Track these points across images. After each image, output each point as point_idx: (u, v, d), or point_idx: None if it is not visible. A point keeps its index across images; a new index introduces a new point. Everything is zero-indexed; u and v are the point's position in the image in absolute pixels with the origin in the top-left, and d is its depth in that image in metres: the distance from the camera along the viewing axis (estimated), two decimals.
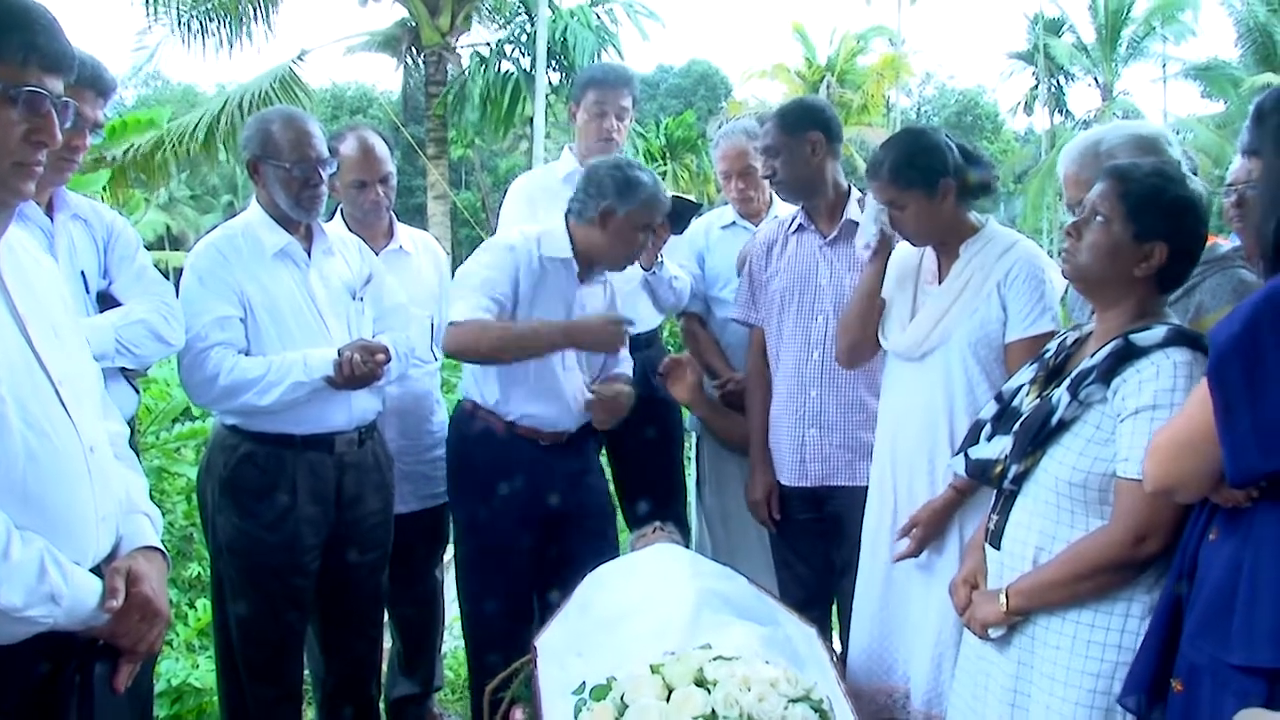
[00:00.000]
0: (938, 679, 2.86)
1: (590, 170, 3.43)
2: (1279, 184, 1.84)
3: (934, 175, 2.86)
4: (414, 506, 3.73)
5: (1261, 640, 1.75)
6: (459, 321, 3.23)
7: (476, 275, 3.33)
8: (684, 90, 46.92)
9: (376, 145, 3.66)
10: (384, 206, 3.72)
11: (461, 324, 3.23)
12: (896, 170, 2.88)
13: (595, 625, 2.67)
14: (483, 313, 3.23)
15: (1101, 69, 32.55)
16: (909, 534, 2.92)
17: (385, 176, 3.68)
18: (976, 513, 2.81)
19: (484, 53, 15.24)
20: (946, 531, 2.90)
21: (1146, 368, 2.10)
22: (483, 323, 3.23)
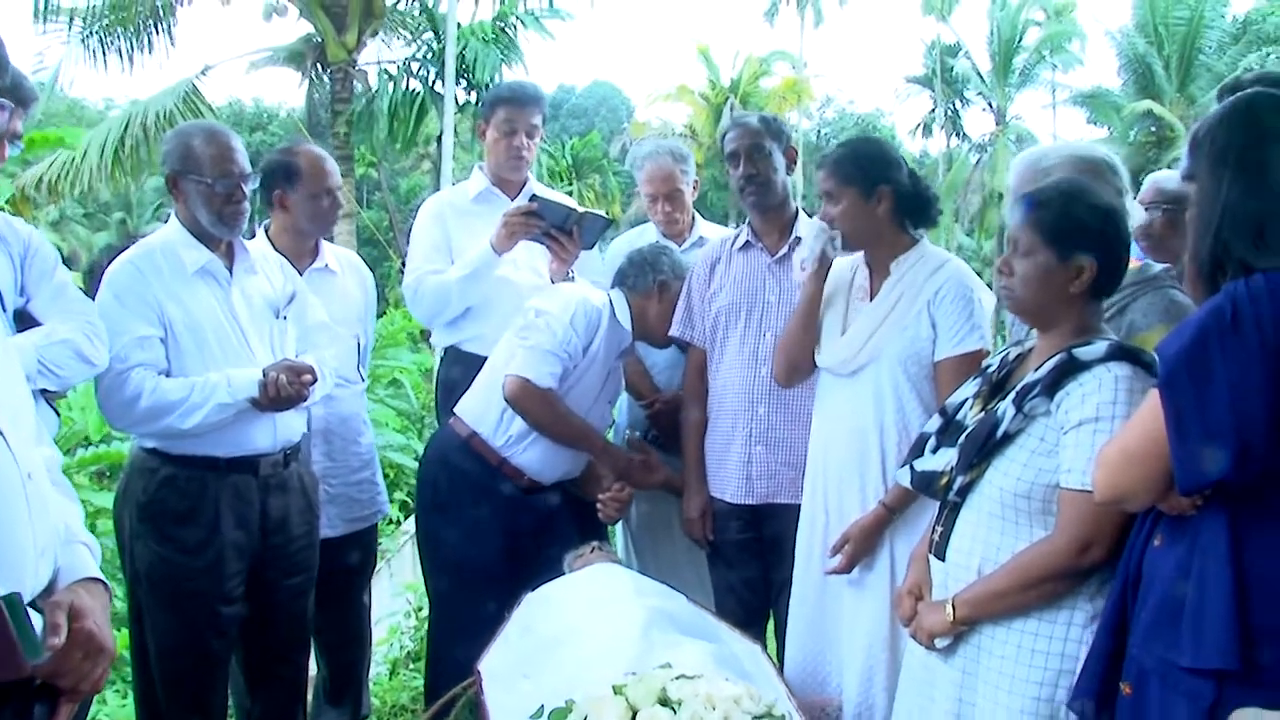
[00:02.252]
0: (869, 692, 2.89)
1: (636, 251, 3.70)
2: (1213, 206, 1.89)
3: (873, 179, 2.94)
4: (341, 530, 3.67)
5: (1210, 642, 1.80)
6: (533, 383, 3.37)
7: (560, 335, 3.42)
8: (586, 110, 47.10)
9: (328, 157, 3.71)
10: (336, 217, 3.72)
11: (535, 387, 3.38)
12: (839, 163, 2.97)
13: (540, 647, 2.63)
14: (551, 380, 3.41)
15: (995, 94, 33.51)
16: (840, 550, 2.94)
17: (339, 187, 3.69)
18: (907, 528, 2.86)
19: (391, 70, 15.10)
20: (877, 547, 2.93)
21: (1089, 381, 2.15)
22: (552, 399, 3.43)
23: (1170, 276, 2.69)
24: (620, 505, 3.61)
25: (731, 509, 3.45)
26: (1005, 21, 32.95)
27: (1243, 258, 1.85)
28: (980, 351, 2.88)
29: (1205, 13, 30.30)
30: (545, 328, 3.41)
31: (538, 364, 3.38)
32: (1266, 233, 1.84)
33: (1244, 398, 1.75)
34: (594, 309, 3.49)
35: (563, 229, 3.70)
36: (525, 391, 3.37)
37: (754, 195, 3.44)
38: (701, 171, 30.64)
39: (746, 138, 3.43)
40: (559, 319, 3.42)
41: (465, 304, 3.86)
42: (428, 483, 3.60)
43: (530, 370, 3.37)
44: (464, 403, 3.59)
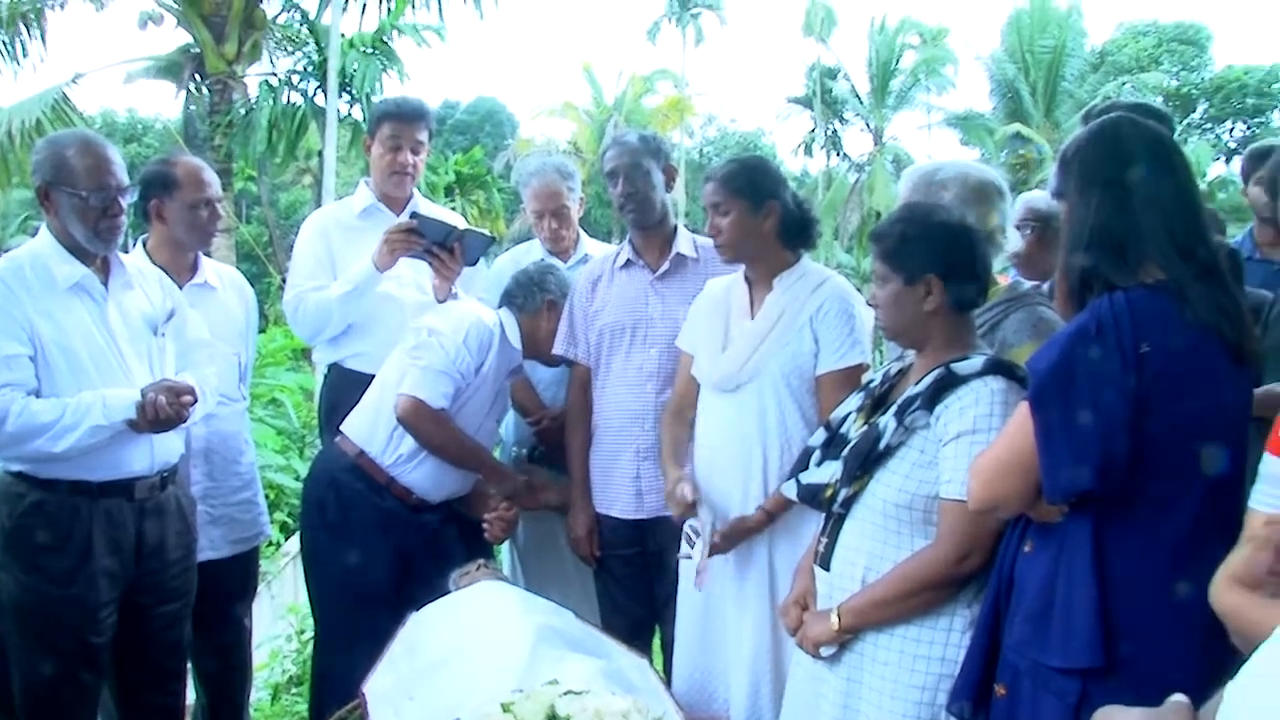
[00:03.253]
0: (756, 703, 2.93)
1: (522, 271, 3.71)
2: (1082, 225, 1.99)
3: (762, 193, 3.01)
4: (224, 552, 3.58)
5: (1077, 643, 1.90)
6: (426, 403, 3.34)
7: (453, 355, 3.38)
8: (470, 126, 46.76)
9: (208, 169, 3.62)
10: (215, 231, 3.63)
11: (427, 407, 3.35)
12: (729, 177, 3.03)
13: (426, 667, 2.60)
14: (444, 400, 3.38)
15: (873, 115, 34.36)
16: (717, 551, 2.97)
17: (221, 200, 3.62)
18: (787, 540, 2.92)
19: (273, 82, 14.78)
20: (755, 558, 2.99)
21: (967, 395, 2.23)
22: (444, 419, 3.40)
23: (1039, 293, 2.81)
24: (506, 525, 3.60)
25: (618, 524, 3.47)
26: (882, 45, 33.84)
27: (1108, 276, 1.95)
28: (861, 366, 2.96)
29: (1067, 42, 31.70)
30: (438, 347, 3.38)
31: (430, 384, 3.36)
32: (1129, 252, 1.94)
33: (1107, 411, 1.85)
34: (486, 329, 3.48)
35: (444, 246, 3.67)
36: (417, 411, 3.34)
37: (633, 213, 3.47)
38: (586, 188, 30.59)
39: (625, 156, 3.46)
40: (452, 339, 3.40)
41: (347, 321, 3.81)
42: (313, 502, 3.53)
43: (423, 390, 3.35)
44: (351, 421, 3.54)
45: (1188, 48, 38.45)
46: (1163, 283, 1.92)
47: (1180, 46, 38.30)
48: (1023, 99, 31.96)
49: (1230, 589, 1.61)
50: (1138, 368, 1.84)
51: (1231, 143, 37.96)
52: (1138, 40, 38.29)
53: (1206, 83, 38.15)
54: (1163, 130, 2.08)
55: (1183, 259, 1.93)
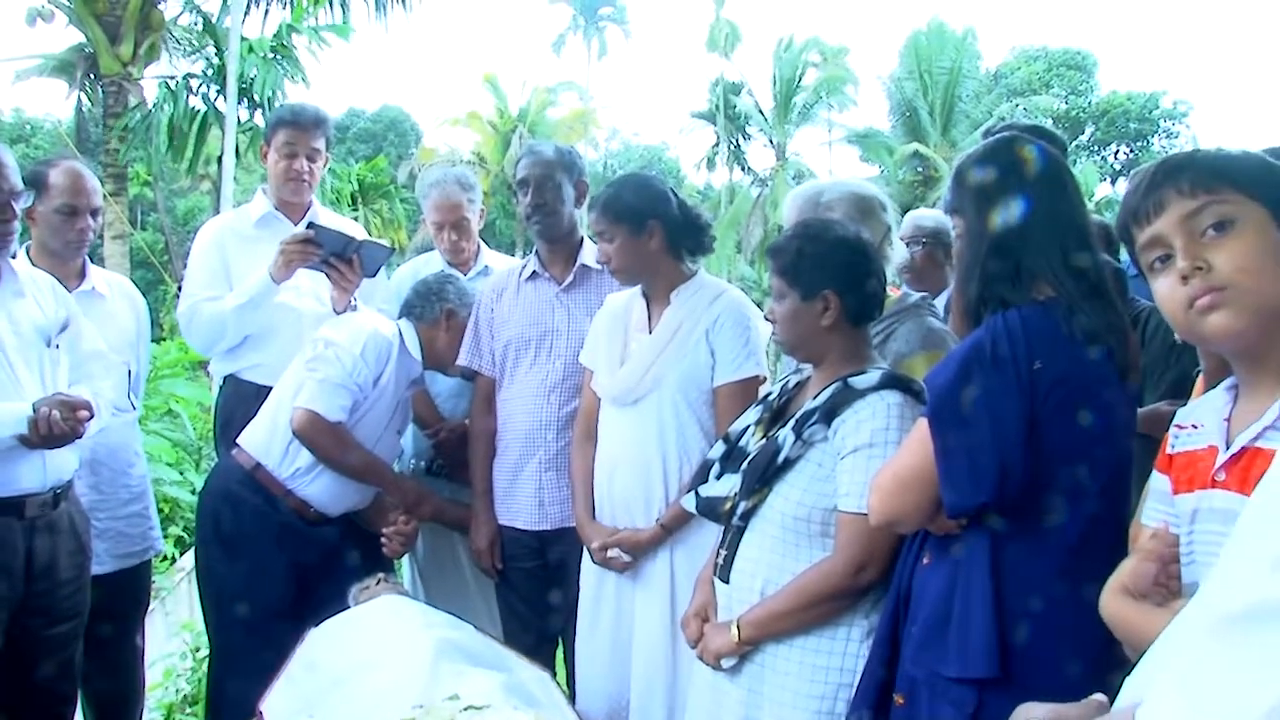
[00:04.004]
0: (647, 712, 2.95)
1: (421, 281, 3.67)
2: (979, 243, 2.05)
3: (641, 215, 3.03)
4: (110, 567, 3.47)
5: (974, 653, 1.94)
6: (322, 416, 3.29)
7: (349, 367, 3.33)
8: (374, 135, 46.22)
9: (89, 175, 3.48)
10: (88, 241, 3.49)
11: (324, 420, 3.30)
12: (608, 204, 3.06)
13: (326, 684, 2.55)
14: (341, 413, 3.33)
15: (776, 131, 34.83)
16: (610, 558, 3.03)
17: (96, 209, 3.47)
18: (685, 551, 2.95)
19: (171, 85, 14.39)
20: (655, 569, 3.01)
21: (864, 409, 2.27)
22: (341, 433, 3.35)
23: (928, 305, 2.89)
24: (405, 539, 3.56)
25: (520, 536, 3.46)
26: (786, 63, 34.34)
27: (1002, 293, 2.01)
28: (757, 377, 2.99)
29: (963, 64, 32.60)
30: (335, 359, 3.34)
31: (327, 397, 3.31)
32: (1022, 270, 2.01)
33: (1003, 427, 1.90)
34: (384, 340, 3.44)
35: (342, 257, 3.63)
36: (314, 425, 3.29)
37: (540, 223, 3.48)
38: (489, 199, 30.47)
39: (539, 167, 3.47)
40: (349, 350, 3.35)
41: (243, 333, 3.74)
42: (208, 515, 3.45)
43: (319, 403, 3.30)
44: (248, 434, 3.47)
45: (1075, 73, 39.86)
46: (1054, 300, 1.97)
47: (1069, 71, 39.69)
48: (920, 118, 32.75)
49: (1117, 598, 1.67)
50: (1031, 384, 1.90)
51: (1116, 165, 39.44)
52: (1030, 64, 39.58)
53: (1093, 107, 39.63)
54: (1053, 150, 2.15)
55: (1073, 277, 1.99)
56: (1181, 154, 1.61)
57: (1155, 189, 1.54)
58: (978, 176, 2.10)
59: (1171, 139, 39.11)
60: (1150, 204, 1.54)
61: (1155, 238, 1.54)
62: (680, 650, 2.88)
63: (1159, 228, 1.53)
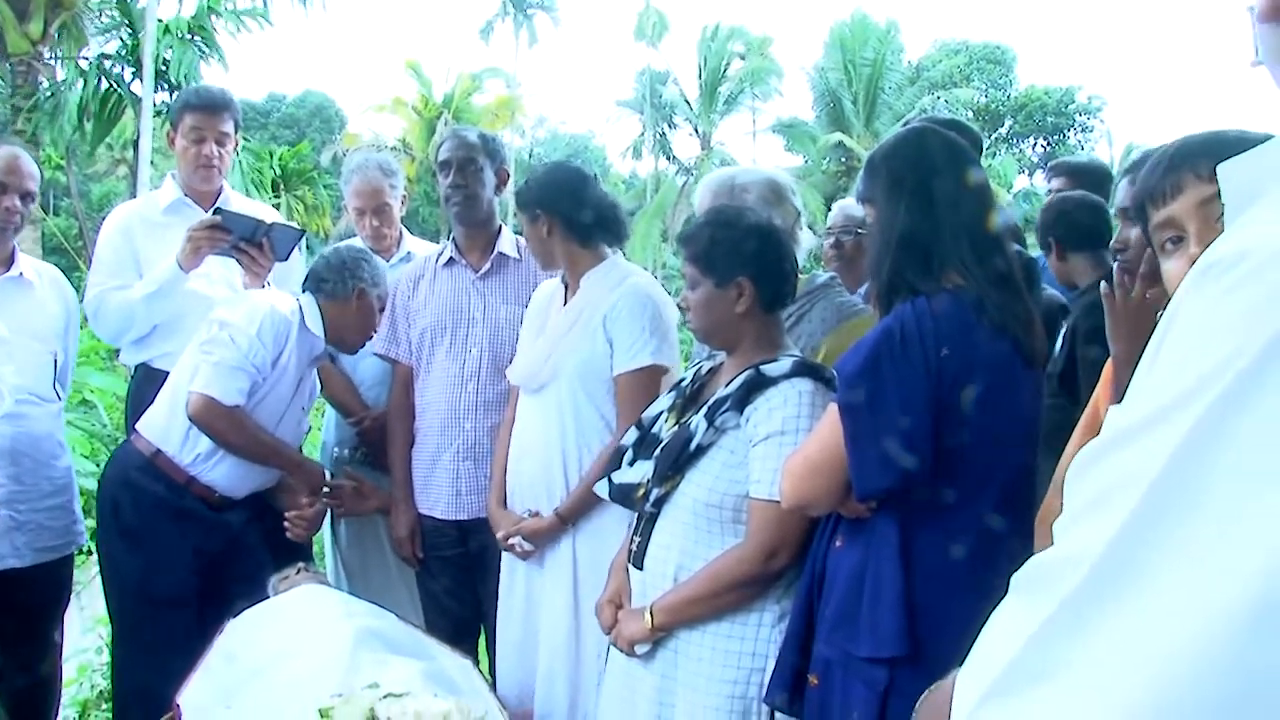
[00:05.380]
0: (550, 697, 2.97)
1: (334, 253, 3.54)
2: (890, 231, 2.08)
3: (535, 206, 3.08)
4: (30, 560, 3.38)
5: (885, 633, 1.98)
6: (219, 400, 3.19)
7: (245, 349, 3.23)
8: (297, 120, 45.52)
9: (25, 158, 3.40)
10: (15, 224, 3.39)
11: (220, 405, 3.20)
12: (516, 193, 3.11)
13: (244, 674, 2.52)
14: (238, 396, 3.23)
15: (701, 120, 34.98)
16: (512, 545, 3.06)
17: (27, 192, 3.37)
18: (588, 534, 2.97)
19: (83, 65, 14.00)
20: (559, 554, 3.02)
21: (775, 396, 2.29)
22: (239, 417, 3.25)
23: (836, 283, 2.93)
24: (309, 523, 3.49)
25: (440, 525, 3.45)
26: (712, 52, 34.49)
27: (911, 281, 2.04)
28: (656, 366, 2.96)
29: (886, 57, 33.01)
30: (229, 341, 3.24)
31: (223, 380, 3.21)
32: (932, 258, 2.04)
33: (911, 412, 1.93)
34: (282, 318, 3.33)
35: (252, 241, 3.57)
36: (210, 410, 3.20)
37: (458, 206, 3.46)
38: (414, 186, 30.07)
39: (461, 150, 3.46)
40: (244, 331, 3.26)
41: (152, 322, 3.66)
42: (108, 503, 3.34)
43: (215, 388, 3.20)
44: (146, 419, 3.38)
45: (995, 66, 40.64)
46: (962, 289, 2.01)
47: (989, 65, 40.45)
48: (844, 109, 33.11)
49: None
50: (939, 371, 1.94)
51: (1034, 157, 40.27)
52: (951, 58, 40.21)
53: (1012, 100, 40.43)
54: (963, 143, 2.20)
55: (981, 266, 2.03)
56: (1200, 136, 1.60)
57: (1173, 171, 1.53)
58: (889, 166, 2.13)
59: (1086, 133, 40.07)
60: (1167, 185, 1.54)
61: (1169, 220, 1.54)
62: (584, 636, 2.92)
63: (1174, 210, 1.53)
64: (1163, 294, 2.04)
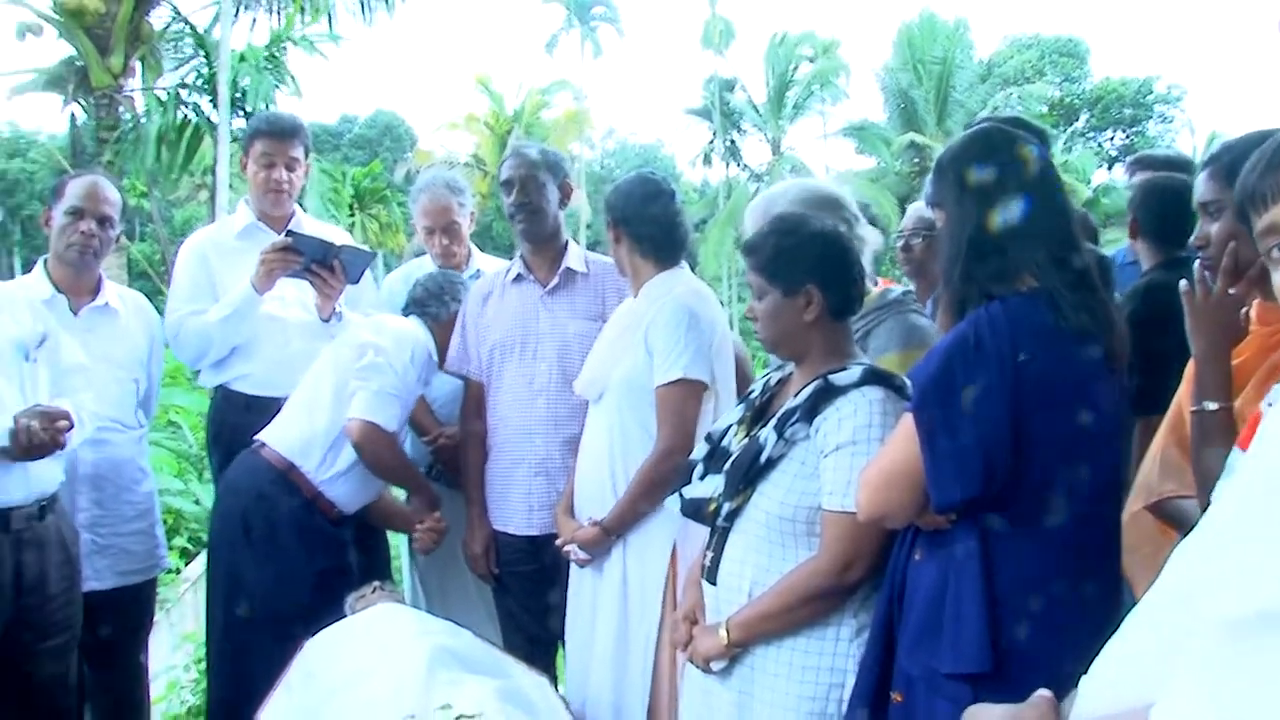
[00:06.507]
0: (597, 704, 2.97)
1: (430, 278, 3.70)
2: (960, 235, 2.02)
3: (612, 217, 3.14)
4: (111, 583, 3.45)
5: (967, 649, 1.92)
6: (381, 427, 3.31)
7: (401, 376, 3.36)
8: (369, 141, 46.31)
9: (106, 185, 3.48)
10: (94, 249, 3.43)
11: (382, 432, 3.33)
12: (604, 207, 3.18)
13: (322, 694, 2.54)
14: (396, 423, 3.37)
15: (770, 126, 34.85)
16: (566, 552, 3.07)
17: (105, 217, 3.43)
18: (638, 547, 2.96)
19: (161, 96, 14.40)
20: (609, 570, 3.02)
21: (845, 406, 2.24)
22: (395, 442, 3.41)
23: (910, 301, 2.85)
24: (437, 536, 3.57)
25: (514, 541, 3.45)
26: (779, 57, 34.37)
27: (985, 285, 1.98)
28: (684, 380, 2.92)
29: (956, 54, 32.62)
30: (388, 369, 3.34)
31: (383, 408, 3.32)
32: (1006, 261, 1.98)
33: (988, 419, 1.87)
34: (423, 346, 3.48)
35: (323, 263, 3.63)
36: (373, 436, 3.30)
37: (524, 223, 3.48)
38: (486, 202, 30.33)
39: (522, 167, 3.48)
40: (399, 357, 3.37)
41: (229, 345, 3.72)
42: (236, 516, 3.36)
43: (378, 415, 3.30)
44: (277, 434, 3.42)
45: (1069, 60, 39.95)
46: (1038, 291, 1.95)
47: (1062, 59, 39.78)
48: (916, 109, 32.77)
49: None
50: (1016, 376, 1.87)
51: (1112, 150, 39.47)
52: (1022, 53, 39.65)
53: (1087, 93, 39.67)
54: (1033, 140, 2.12)
55: (1057, 267, 1.96)
56: None
57: (1272, 170, 1.38)
58: (957, 169, 2.07)
59: (1166, 123, 39.20)
60: (1268, 188, 1.37)
61: (1272, 226, 1.37)
62: (631, 648, 2.92)
63: (1277, 215, 1.36)
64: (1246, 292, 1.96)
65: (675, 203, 3.20)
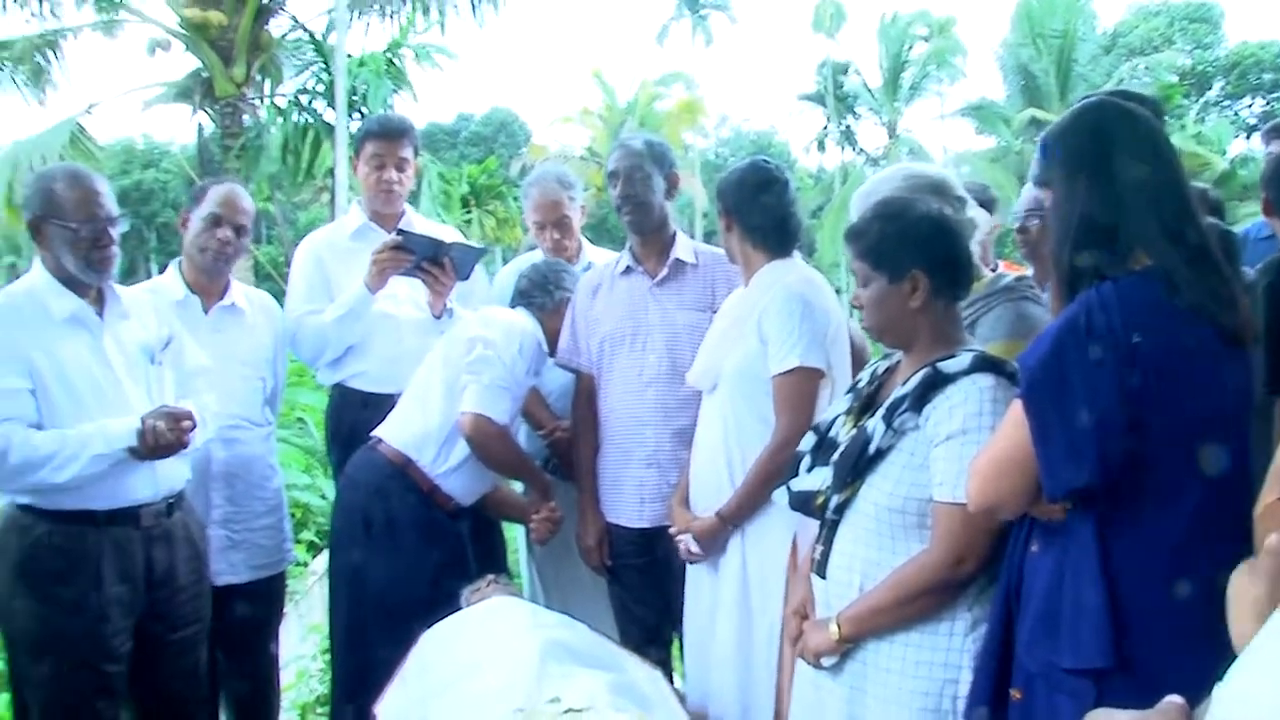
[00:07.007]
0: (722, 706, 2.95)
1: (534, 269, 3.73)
2: (1070, 213, 1.94)
3: (724, 206, 3.12)
4: (243, 576, 3.56)
5: (1087, 643, 1.85)
6: (493, 421, 3.34)
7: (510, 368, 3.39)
8: (484, 138, 46.98)
9: (242, 195, 3.59)
10: (228, 255, 3.55)
11: (494, 425, 3.35)
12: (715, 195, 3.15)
13: (437, 687, 2.57)
14: (507, 417, 3.40)
15: (886, 109, 34.26)
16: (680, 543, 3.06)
17: (242, 226, 3.55)
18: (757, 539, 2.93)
19: (280, 104, 14.87)
20: (728, 563, 2.99)
21: (955, 394, 2.18)
22: (508, 435, 3.45)
23: (1025, 286, 2.74)
24: (552, 526, 3.61)
25: (627, 533, 3.45)
26: (892, 39, 33.76)
27: (1097, 265, 1.90)
28: (801, 368, 2.87)
29: (1077, 26, 31.54)
30: (497, 362, 3.37)
31: (494, 401, 3.35)
32: (1117, 239, 1.89)
33: (1101, 405, 1.79)
34: (532, 337, 3.51)
35: (434, 261, 3.68)
36: (484, 430, 3.33)
37: (630, 215, 3.48)
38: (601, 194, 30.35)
39: (627, 159, 3.47)
40: (508, 350, 3.40)
41: (345, 344, 3.80)
42: (358, 513, 3.44)
43: (490, 408, 3.34)
44: (392, 429, 3.49)
45: (1200, 25, 38.29)
46: (1152, 269, 1.87)
47: (1192, 25, 38.13)
48: (1037, 84, 31.80)
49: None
50: (1131, 359, 1.79)
51: (1251, 118, 37.71)
52: (1149, 20, 38.14)
53: (1222, 60, 37.96)
54: (1145, 113, 2.03)
55: (1172, 243, 1.87)
56: None
57: None
58: (1063, 145, 1.99)
59: None
60: None
61: None
62: (755, 642, 2.89)
63: None
64: None
65: (788, 192, 3.16)
